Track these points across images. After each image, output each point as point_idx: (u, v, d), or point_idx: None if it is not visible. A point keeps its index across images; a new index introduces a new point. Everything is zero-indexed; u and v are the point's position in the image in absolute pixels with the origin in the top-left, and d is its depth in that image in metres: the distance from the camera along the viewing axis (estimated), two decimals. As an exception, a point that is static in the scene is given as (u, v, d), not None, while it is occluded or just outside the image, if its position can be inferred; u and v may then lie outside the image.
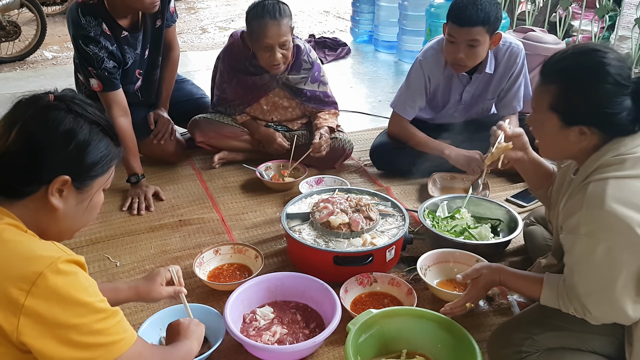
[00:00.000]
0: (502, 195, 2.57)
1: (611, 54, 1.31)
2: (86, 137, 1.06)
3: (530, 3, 4.62)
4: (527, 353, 1.46)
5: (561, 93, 1.34)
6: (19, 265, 0.96)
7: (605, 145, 1.34)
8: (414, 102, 2.61)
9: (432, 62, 2.53)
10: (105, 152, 1.10)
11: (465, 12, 2.25)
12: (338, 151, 2.76)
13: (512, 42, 2.53)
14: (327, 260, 1.88)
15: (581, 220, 1.29)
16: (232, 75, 2.72)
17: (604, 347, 1.44)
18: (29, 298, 0.94)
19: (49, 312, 0.95)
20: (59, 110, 1.05)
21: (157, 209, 2.47)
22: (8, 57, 4.82)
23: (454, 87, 2.59)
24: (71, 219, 1.12)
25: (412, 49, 4.69)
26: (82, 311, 0.98)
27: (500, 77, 2.55)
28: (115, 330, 1.03)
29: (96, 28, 2.38)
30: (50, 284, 0.95)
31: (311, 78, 2.73)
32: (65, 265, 0.98)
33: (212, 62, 2.94)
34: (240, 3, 7.54)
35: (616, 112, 1.29)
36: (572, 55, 1.36)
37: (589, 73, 1.31)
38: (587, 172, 1.35)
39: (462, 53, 2.33)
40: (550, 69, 1.38)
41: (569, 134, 1.35)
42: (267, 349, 1.60)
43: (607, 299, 1.29)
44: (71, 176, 1.06)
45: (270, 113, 2.82)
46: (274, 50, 2.48)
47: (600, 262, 1.27)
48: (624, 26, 4.36)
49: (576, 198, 1.34)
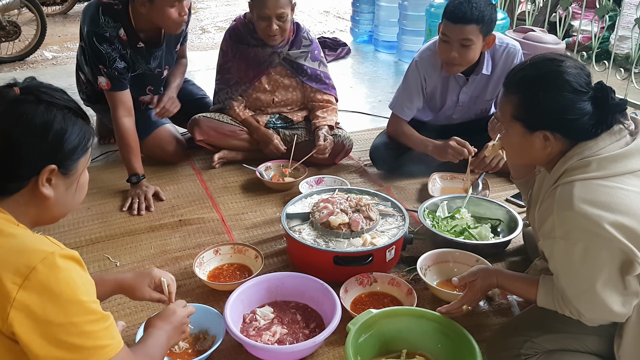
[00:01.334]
0: (502, 195, 2.57)
1: (568, 62, 1.37)
2: (62, 125, 1.06)
3: (530, 3, 4.62)
4: (526, 356, 1.46)
5: (521, 102, 1.39)
6: (13, 258, 0.95)
7: (570, 150, 1.38)
8: (411, 103, 2.61)
9: (428, 63, 2.54)
10: (81, 133, 1.10)
11: (460, 9, 2.26)
12: (338, 147, 2.78)
13: (509, 42, 2.53)
14: (327, 260, 1.88)
15: (555, 224, 1.32)
16: (235, 50, 2.76)
17: (601, 348, 1.44)
18: (20, 292, 0.93)
19: (39, 307, 0.95)
20: (28, 102, 1.04)
21: (157, 209, 2.47)
22: (8, 57, 4.83)
23: (451, 89, 2.59)
24: (63, 203, 1.12)
25: (412, 49, 4.69)
26: (74, 310, 0.98)
27: (498, 77, 2.55)
28: (103, 335, 1.02)
29: (112, 30, 2.40)
30: (43, 279, 0.94)
31: (311, 55, 2.79)
32: (59, 260, 0.97)
33: (212, 62, 2.96)
34: (240, 3, 7.55)
35: (576, 117, 1.34)
36: (530, 65, 1.41)
37: (546, 82, 1.36)
38: (555, 177, 1.39)
39: (455, 52, 2.33)
40: (511, 80, 1.43)
41: (533, 140, 1.39)
42: (267, 349, 1.60)
43: (594, 299, 1.30)
44: (56, 164, 1.06)
45: (272, 93, 2.83)
46: (271, 21, 2.55)
47: (581, 263, 1.29)
48: (624, 26, 4.37)
49: (547, 203, 1.38)
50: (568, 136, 1.37)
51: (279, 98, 2.84)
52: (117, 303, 1.85)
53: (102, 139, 3.13)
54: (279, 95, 2.84)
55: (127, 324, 1.75)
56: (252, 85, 2.80)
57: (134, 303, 1.86)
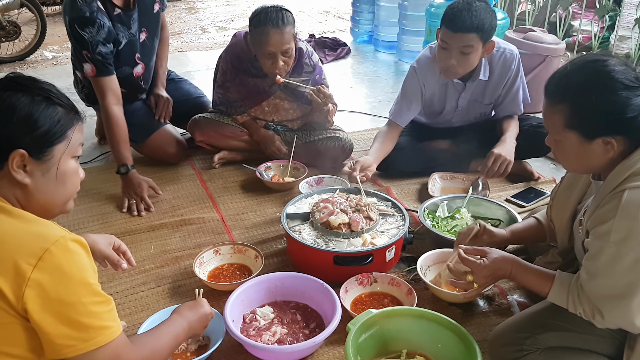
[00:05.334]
0: (502, 195, 2.57)
1: (611, 59, 1.30)
2: (27, 109, 1.07)
3: (530, 3, 4.62)
4: (527, 351, 1.46)
5: (573, 111, 1.32)
6: (27, 240, 1.00)
7: (635, 152, 1.31)
8: (409, 110, 2.59)
9: (426, 69, 2.52)
10: (54, 119, 1.10)
11: (460, 18, 2.22)
12: (338, 151, 2.76)
13: (506, 47, 2.50)
14: (327, 260, 1.88)
15: (612, 229, 1.27)
16: (234, 75, 2.72)
17: (604, 348, 1.45)
18: (35, 271, 0.98)
19: (52, 287, 1.00)
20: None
21: (157, 209, 2.47)
22: (8, 57, 4.83)
23: (449, 94, 2.58)
24: (45, 192, 1.13)
25: (412, 49, 4.69)
26: (83, 291, 1.03)
27: (496, 83, 2.53)
28: (107, 317, 1.07)
29: (91, 5, 2.37)
30: (56, 260, 1.00)
31: (312, 81, 2.72)
32: (70, 244, 1.03)
33: (212, 62, 2.95)
34: (240, 3, 7.54)
35: (635, 114, 1.28)
36: (573, 70, 1.34)
37: (596, 84, 1.29)
38: (618, 180, 1.31)
39: (454, 59, 2.30)
40: (554, 88, 1.37)
41: (593, 148, 1.33)
42: (267, 349, 1.60)
43: (624, 309, 1.28)
44: (25, 149, 1.07)
45: (271, 114, 2.83)
46: (277, 58, 2.50)
47: (626, 272, 1.26)
48: (624, 26, 4.36)
49: (609, 205, 1.30)
50: (630, 136, 1.30)
51: (278, 118, 2.84)
52: (117, 303, 1.84)
53: (103, 139, 3.12)
54: (279, 116, 2.84)
55: (127, 324, 1.76)
56: (251, 108, 2.80)
57: (134, 303, 1.87)
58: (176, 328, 1.37)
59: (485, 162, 2.39)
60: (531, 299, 1.85)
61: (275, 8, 2.48)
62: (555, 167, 2.90)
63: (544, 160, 2.93)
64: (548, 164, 2.93)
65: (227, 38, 5.39)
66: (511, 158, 2.40)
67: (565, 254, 1.64)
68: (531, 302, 1.83)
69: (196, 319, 1.45)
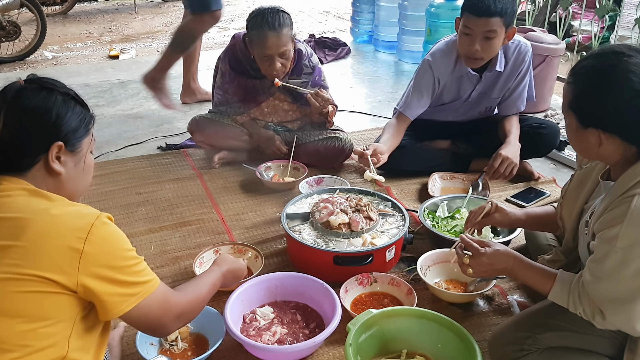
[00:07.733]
0: (502, 195, 2.57)
1: (637, 57, 1.23)
2: (62, 107, 1.22)
3: (530, 3, 4.61)
4: (528, 351, 1.46)
5: (577, 93, 1.31)
6: (73, 220, 1.14)
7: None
8: (419, 103, 2.57)
9: (441, 63, 2.51)
10: (81, 115, 1.25)
11: (483, 2, 2.24)
12: (338, 151, 2.76)
13: (521, 40, 2.52)
14: (327, 260, 1.88)
15: (620, 234, 1.25)
16: (233, 77, 2.72)
17: (605, 348, 1.44)
18: (86, 244, 1.12)
19: (102, 256, 1.14)
20: (32, 90, 1.21)
21: (157, 208, 2.47)
22: (8, 57, 4.82)
23: (464, 87, 2.57)
24: (74, 180, 1.27)
25: (412, 49, 4.69)
26: (126, 255, 1.19)
27: (508, 75, 2.54)
28: (146, 273, 1.24)
29: None
30: (101, 233, 1.15)
31: (312, 82, 2.72)
32: (105, 219, 1.18)
33: (212, 62, 2.95)
34: (240, 3, 7.54)
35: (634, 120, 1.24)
36: (594, 55, 1.31)
37: (605, 75, 1.25)
38: (628, 185, 1.29)
39: (478, 45, 2.31)
40: (576, 66, 1.35)
41: (586, 136, 1.31)
42: (267, 349, 1.60)
43: (626, 312, 1.28)
44: (62, 141, 1.21)
45: (271, 115, 2.83)
46: (274, 60, 2.49)
47: (631, 278, 1.26)
48: (624, 26, 4.37)
49: (617, 210, 1.28)
50: (629, 141, 1.27)
51: (278, 119, 2.84)
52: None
53: None
54: (278, 117, 2.84)
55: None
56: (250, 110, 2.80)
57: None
58: (213, 278, 1.52)
59: (492, 162, 2.39)
60: (531, 299, 1.86)
61: (273, 10, 2.47)
62: (555, 167, 2.90)
63: (544, 160, 2.93)
64: (548, 164, 2.93)
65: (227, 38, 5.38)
66: (517, 161, 2.41)
67: (569, 253, 1.64)
68: (531, 302, 1.83)
69: (231, 272, 1.61)
